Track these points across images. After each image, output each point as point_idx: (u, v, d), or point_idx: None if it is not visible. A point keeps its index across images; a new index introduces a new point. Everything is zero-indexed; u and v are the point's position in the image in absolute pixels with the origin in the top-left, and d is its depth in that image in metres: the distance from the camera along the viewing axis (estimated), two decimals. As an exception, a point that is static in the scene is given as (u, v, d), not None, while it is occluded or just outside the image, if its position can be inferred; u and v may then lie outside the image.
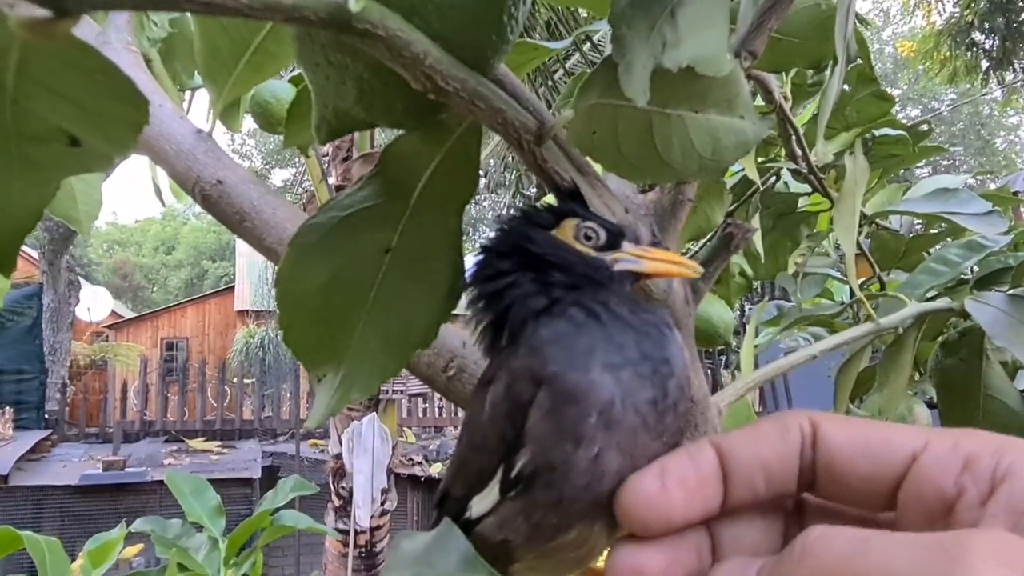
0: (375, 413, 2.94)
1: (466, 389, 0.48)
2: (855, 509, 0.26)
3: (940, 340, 0.81)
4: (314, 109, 0.36)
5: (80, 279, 9.87)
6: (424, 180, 0.36)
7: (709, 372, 6.50)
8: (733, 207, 0.88)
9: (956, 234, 0.87)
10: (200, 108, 0.70)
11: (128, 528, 1.47)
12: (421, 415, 8.14)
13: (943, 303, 0.74)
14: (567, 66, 5.06)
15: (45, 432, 6.92)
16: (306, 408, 7.32)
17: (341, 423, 2.93)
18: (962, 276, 0.80)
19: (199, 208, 0.55)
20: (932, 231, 0.99)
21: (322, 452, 5.76)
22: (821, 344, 0.65)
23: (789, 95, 0.76)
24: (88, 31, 0.58)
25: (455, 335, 0.49)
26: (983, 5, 9.02)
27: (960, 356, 0.76)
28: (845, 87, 0.82)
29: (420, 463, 5.72)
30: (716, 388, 0.96)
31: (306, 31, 0.32)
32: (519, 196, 7.11)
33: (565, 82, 4.26)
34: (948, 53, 9.59)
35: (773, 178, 0.92)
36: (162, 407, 7.89)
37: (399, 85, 0.31)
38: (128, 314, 15.42)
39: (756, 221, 0.89)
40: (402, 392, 7.84)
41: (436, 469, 5.68)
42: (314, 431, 6.70)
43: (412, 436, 7.27)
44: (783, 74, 0.76)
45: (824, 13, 0.60)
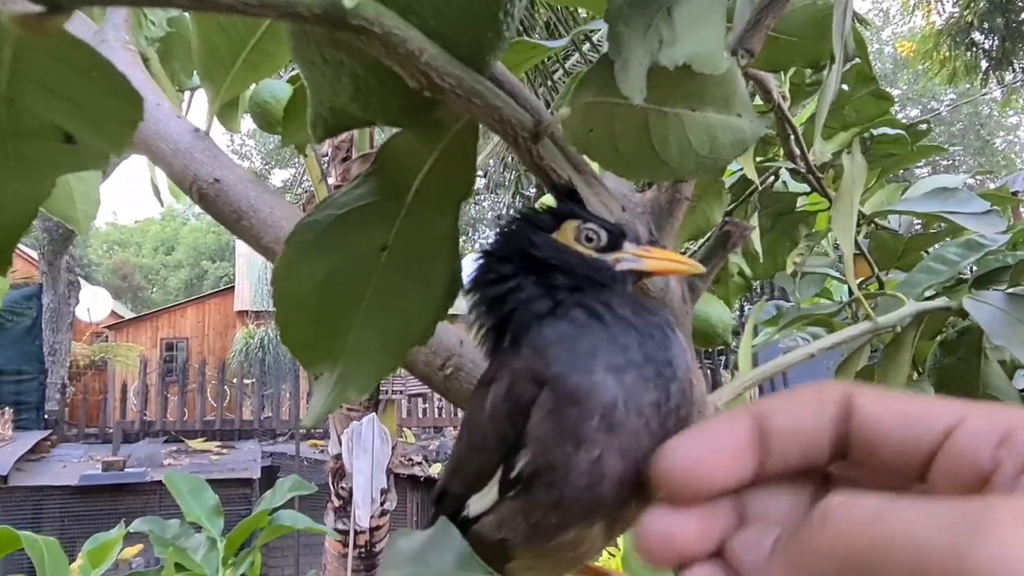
0: (375, 413, 2.94)
1: (463, 387, 0.48)
2: (883, 484, 0.25)
3: (939, 339, 0.81)
4: (310, 107, 0.36)
5: (80, 279, 9.85)
6: (420, 178, 0.36)
7: (709, 372, 6.50)
8: (732, 206, 0.88)
9: (955, 233, 0.87)
10: (199, 109, 0.70)
11: (127, 528, 1.46)
12: (421, 415, 8.13)
13: (941, 302, 0.74)
14: (566, 66, 5.06)
15: (45, 432, 6.92)
16: (306, 408, 7.31)
17: (341, 423, 2.93)
18: (960, 275, 0.80)
19: (199, 208, 0.55)
20: (931, 230, 0.99)
21: (322, 452, 5.76)
22: (819, 343, 0.65)
23: (787, 94, 0.76)
24: (85, 29, 0.58)
25: (452, 333, 0.49)
26: (983, 5, 9.02)
27: (959, 355, 0.76)
28: (843, 86, 0.82)
29: (420, 463, 5.71)
30: (715, 388, 0.96)
31: (301, 28, 0.32)
32: (518, 196, 7.10)
33: (564, 82, 4.27)
34: (947, 53, 9.58)
35: (772, 177, 0.92)
36: (162, 407, 7.88)
37: (395, 82, 0.31)
38: (128, 314, 15.39)
39: (754, 220, 0.89)
40: (402, 392, 7.85)
41: (436, 469, 5.67)
42: (314, 431, 6.70)
43: (412, 436, 7.27)
44: (781, 73, 0.76)
45: (821, 11, 0.60)
